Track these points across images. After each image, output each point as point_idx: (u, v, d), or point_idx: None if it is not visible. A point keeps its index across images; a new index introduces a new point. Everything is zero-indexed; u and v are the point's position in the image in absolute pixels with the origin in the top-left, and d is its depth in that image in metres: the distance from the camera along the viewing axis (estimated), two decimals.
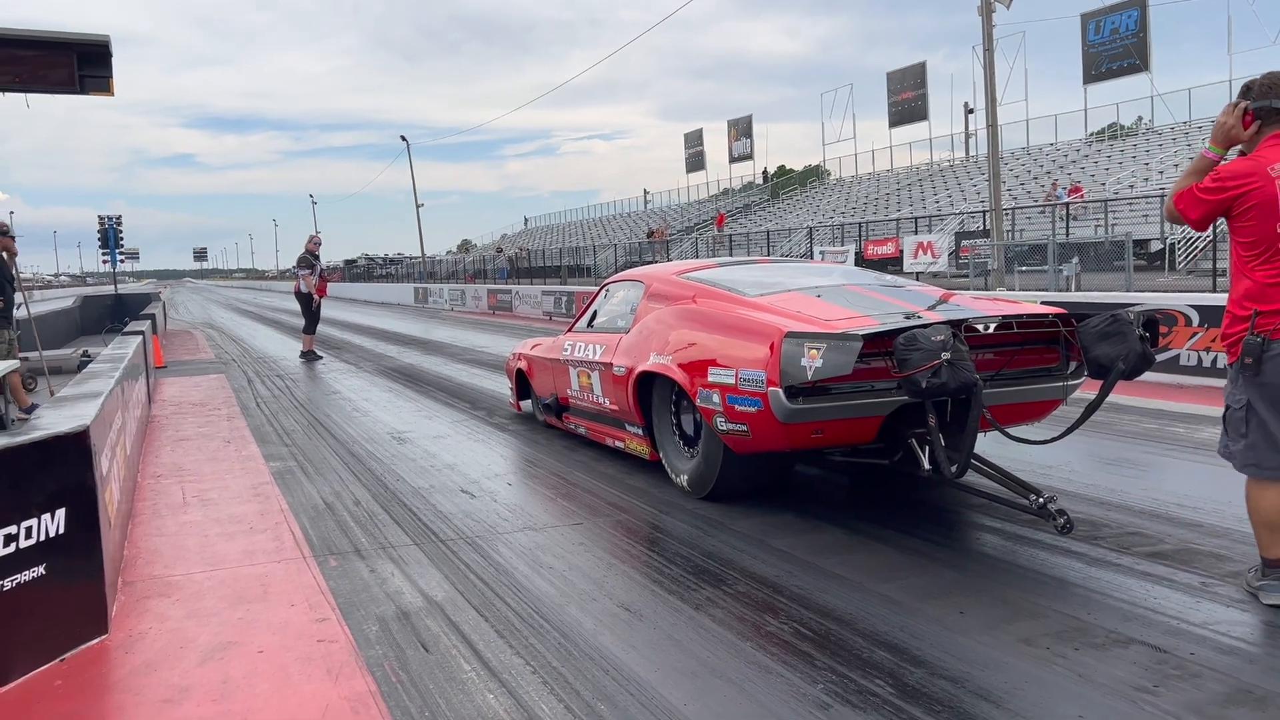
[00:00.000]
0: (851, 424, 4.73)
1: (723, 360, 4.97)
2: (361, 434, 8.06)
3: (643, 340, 5.94)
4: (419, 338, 19.91)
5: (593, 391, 6.71)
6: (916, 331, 4.26)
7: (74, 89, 6.54)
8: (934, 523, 4.92)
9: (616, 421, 6.52)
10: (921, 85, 47.06)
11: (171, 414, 9.52)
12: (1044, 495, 4.33)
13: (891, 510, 5.21)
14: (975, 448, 4.56)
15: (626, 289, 6.85)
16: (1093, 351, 4.51)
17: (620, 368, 6.14)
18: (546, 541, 4.77)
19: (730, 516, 5.08)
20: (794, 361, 4.45)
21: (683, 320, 5.67)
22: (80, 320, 22.76)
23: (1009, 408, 4.97)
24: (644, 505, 5.38)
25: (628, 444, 6.41)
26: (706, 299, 5.75)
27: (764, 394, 4.61)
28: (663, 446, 5.91)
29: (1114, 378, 4.42)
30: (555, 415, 7.62)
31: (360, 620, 3.74)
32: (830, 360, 4.33)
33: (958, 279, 23.69)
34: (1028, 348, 5.10)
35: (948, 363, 4.12)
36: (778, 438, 4.76)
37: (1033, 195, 33.08)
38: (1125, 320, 4.41)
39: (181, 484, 6.29)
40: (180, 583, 4.26)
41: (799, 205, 49.03)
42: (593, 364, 6.63)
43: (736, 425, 4.88)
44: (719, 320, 5.34)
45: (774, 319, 4.90)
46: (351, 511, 5.48)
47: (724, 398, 4.90)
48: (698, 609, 3.75)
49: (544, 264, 43.62)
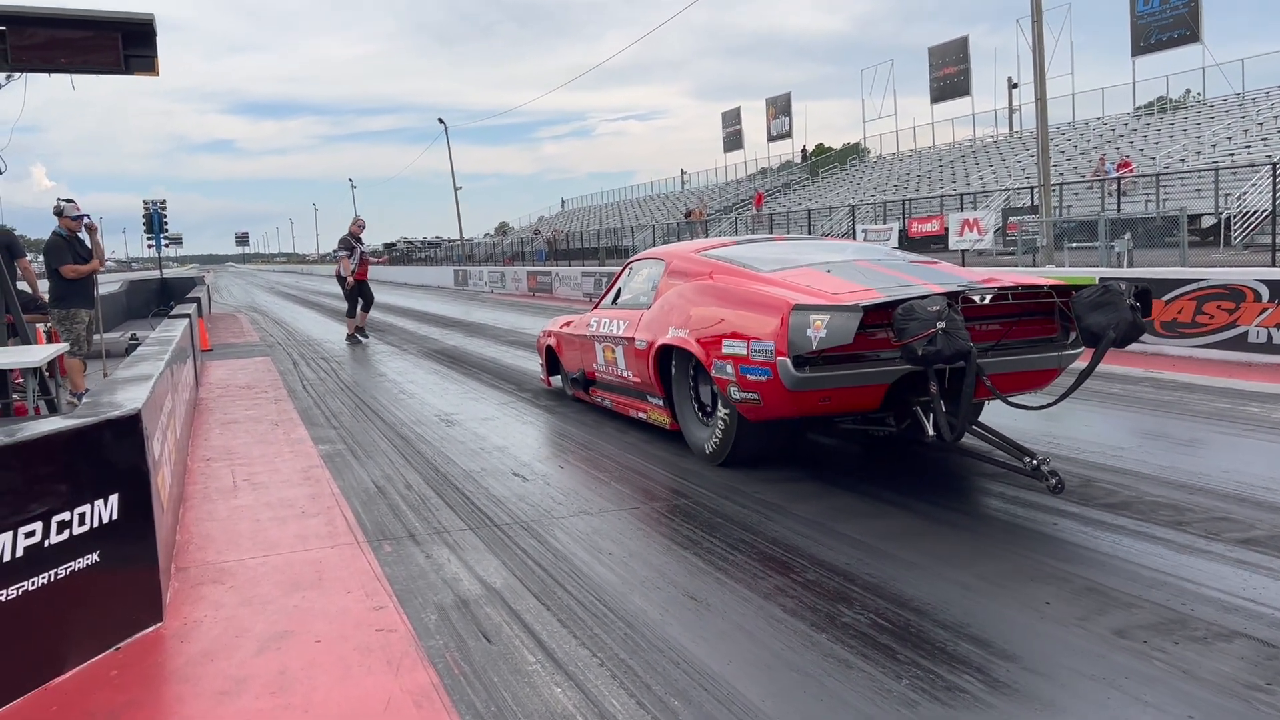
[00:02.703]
0: (857, 392, 4.93)
1: (735, 332, 5.23)
2: (409, 416, 7.97)
3: (663, 315, 6.20)
4: (461, 320, 19.88)
5: (617, 365, 7.00)
6: (914, 302, 4.48)
7: (119, 69, 6.47)
8: (1006, 507, 4.71)
9: (639, 393, 6.79)
10: (964, 60, 46.19)
11: (219, 397, 9.52)
12: (1037, 457, 4.60)
13: (959, 495, 5.01)
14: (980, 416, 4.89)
15: (649, 267, 7.08)
16: (1085, 320, 4.71)
17: (642, 342, 6.41)
18: (603, 526, 4.63)
19: (790, 501, 4.91)
20: (800, 332, 4.70)
21: (700, 295, 5.91)
22: (127, 304, 22.98)
23: (1009, 376, 5.10)
24: (702, 489, 5.22)
25: (650, 415, 6.70)
26: (723, 275, 5.98)
27: (773, 363, 4.86)
28: (682, 416, 6.18)
29: (1104, 345, 4.63)
30: (583, 389, 7.89)
31: (418, 608, 3.62)
32: (833, 330, 4.57)
33: (1004, 256, 23.23)
34: (1028, 319, 5.27)
35: (943, 331, 4.34)
36: (787, 405, 5.01)
37: (1079, 171, 32.35)
38: (1116, 290, 4.63)
39: (231, 467, 6.24)
40: (234, 569, 4.18)
41: (839, 183, 48.40)
42: (617, 339, 6.91)
43: (748, 394, 5.13)
44: (733, 295, 5.57)
45: (784, 292, 5.13)
46: (403, 495, 5.39)
47: (737, 368, 5.16)
48: (767, 598, 3.59)
49: (581, 245, 43.50)
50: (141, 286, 25.63)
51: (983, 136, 45.64)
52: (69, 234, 8.71)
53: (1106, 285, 4.71)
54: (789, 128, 57.00)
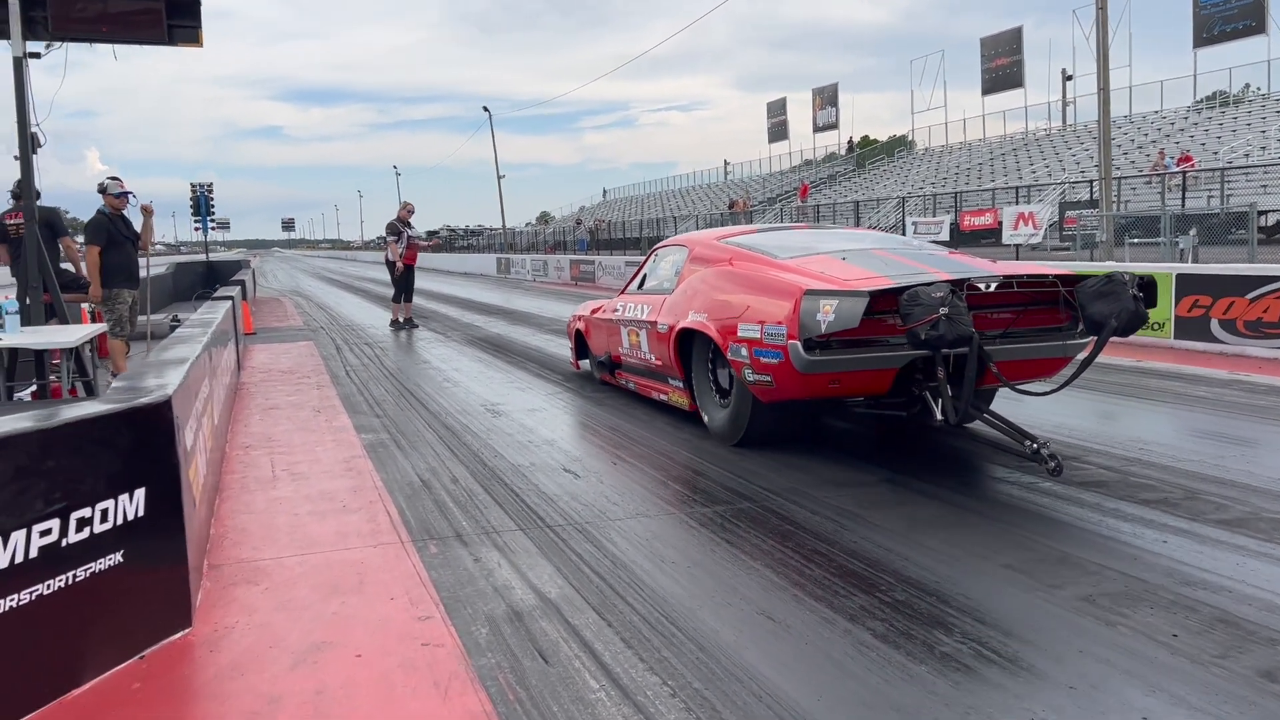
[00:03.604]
0: (866, 375, 5.10)
1: (750, 316, 5.40)
2: (454, 405, 7.69)
3: (684, 300, 6.39)
4: (504, 307, 19.63)
5: (640, 348, 7.20)
6: (919, 289, 4.64)
7: (163, 40, 6.24)
8: (1100, 535, 4.31)
9: (661, 376, 6.99)
10: (1017, 51, 45.16)
11: (260, 381, 9.31)
12: (1038, 441, 4.69)
13: (1058, 520, 4.61)
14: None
15: (673, 253, 7.27)
16: (1089, 309, 4.85)
17: (664, 325, 6.61)
18: (663, 530, 4.30)
19: (865, 508, 4.54)
20: (811, 316, 4.86)
21: (719, 281, 6.09)
22: (173, 286, 23.04)
23: (1017, 363, 5.22)
24: (769, 492, 4.86)
25: (670, 396, 6.89)
26: (741, 261, 6.16)
27: (784, 346, 5.02)
28: (700, 398, 6.39)
29: (1106, 334, 4.77)
30: (609, 372, 8.12)
31: (467, 619, 3.31)
32: (841, 314, 4.73)
33: (1059, 251, 22.55)
34: (1037, 308, 5.35)
35: (945, 317, 4.49)
36: (798, 387, 5.18)
37: (1137, 165, 31.42)
38: (1120, 281, 4.77)
39: (271, 455, 5.99)
40: (269, 568, 3.89)
41: (886, 175, 47.60)
42: (641, 323, 7.12)
43: (762, 376, 5.31)
44: (749, 280, 5.76)
45: (797, 278, 5.29)
46: (449, 490, 5.09)
47: (751, 351, 5.32)
48: (853, 620, 3.23)
49: (624, 235, 43.14)
50: (187, 269, 25.72)
51: (1035, 129, 44.61)
52: (112, 213, 8.52)
53: (1110, 276, 4.84)
54: (835, 119, 56.16)
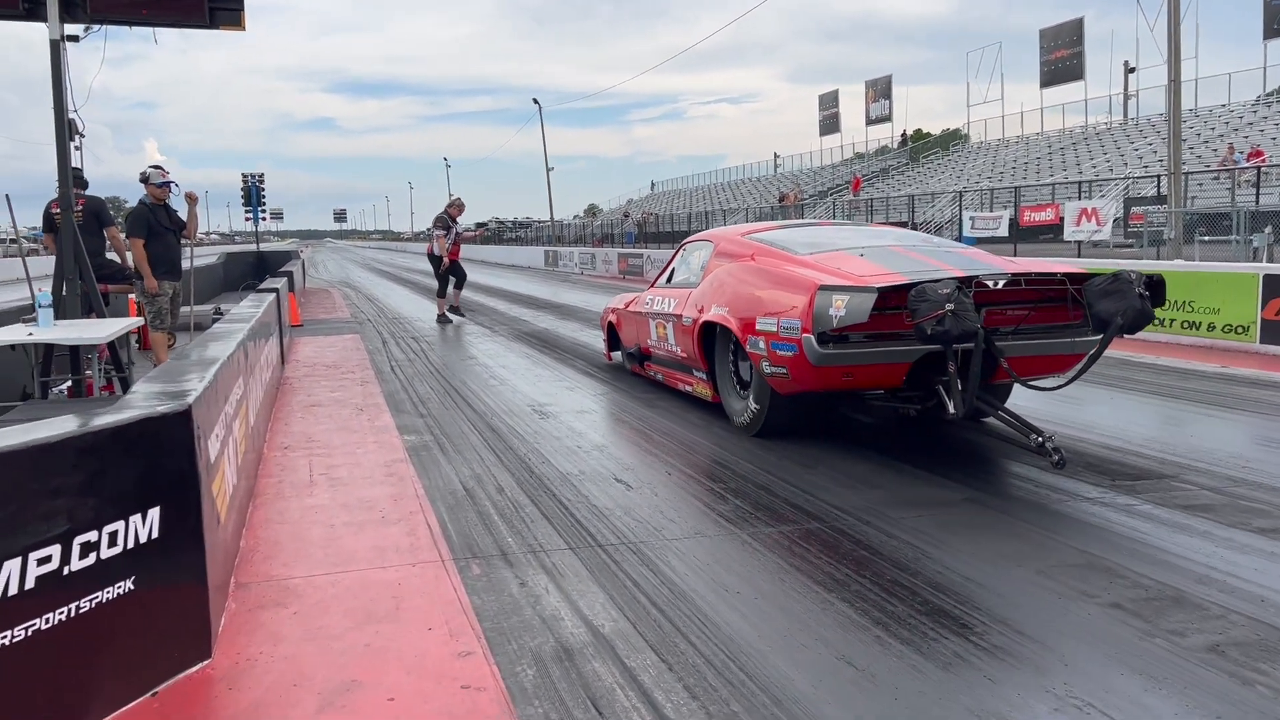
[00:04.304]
0: (878, 369, 5.29)
1: (768, 310, 5.56)
2: (501, 405, 7.39)
3: (708, 294, 6.55)
4: (552, 301, 19.36)
5: (667, 340, 7.42)
6: (926, 285, 4.74)
7: (204, 22, 5.99)
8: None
9: (685, 367, 7.17)
10: (1078, 43, 43.99)
11: (304, 376, 9.10)
12: (1043, 435, 4.80)
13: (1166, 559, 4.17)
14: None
15: (700, 249, 7.46)
16: (1095, 307, 4.97)
17: (689, 318, 6.80)
18: (724, 553, 3.93)
19: (948, 532, 4.14)
20: (824, 310, 5.00)
21: (741, 275, 6.26)
22: (224, 276, 23.12)
23: (1029, 359, 5.34)
24: (837, 511, 4.48)
25: (695, 388, 7.08)
26: (763, 256, 6.31)
27: (799, 339, 5.17)
28: (722, 389, 6.57)
29: (1112, 331, 4.88)
30: (638, 363, 8.35)
31: (512, 657, 2.98)
32: (851, 309, 4.86)
33: (1122, 249, 21.76)
34: (1050, 305, 5.44)
35: (951, 313, 4.57)
36: (812, 379, 5.34)
37: (1203, 159, 30.34)
38: (1126, 279, 4.87)
39: (310, 457, 5.72)
40: (300, 589, 3.60)
41: (940, 169, 46.62)
42: (668, 316, 7.33)
43: (778, 368, 5.47)
44: (769, 275, 5.91)
45: (813, 274, 5.43)
46: (494, 500, 4.78)
47: (768, 343, 5.50)
48: (948, 669, 2.84)
49: (672, 229, 42.69)
50: (238, 259, 25.81)
51: (1096, 123, 43.38)
52: (154, 202, 8.34)
53: (1117, 274, 4.94)
54: (889, 111, 55.17)
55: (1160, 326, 10.51)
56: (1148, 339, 10.50)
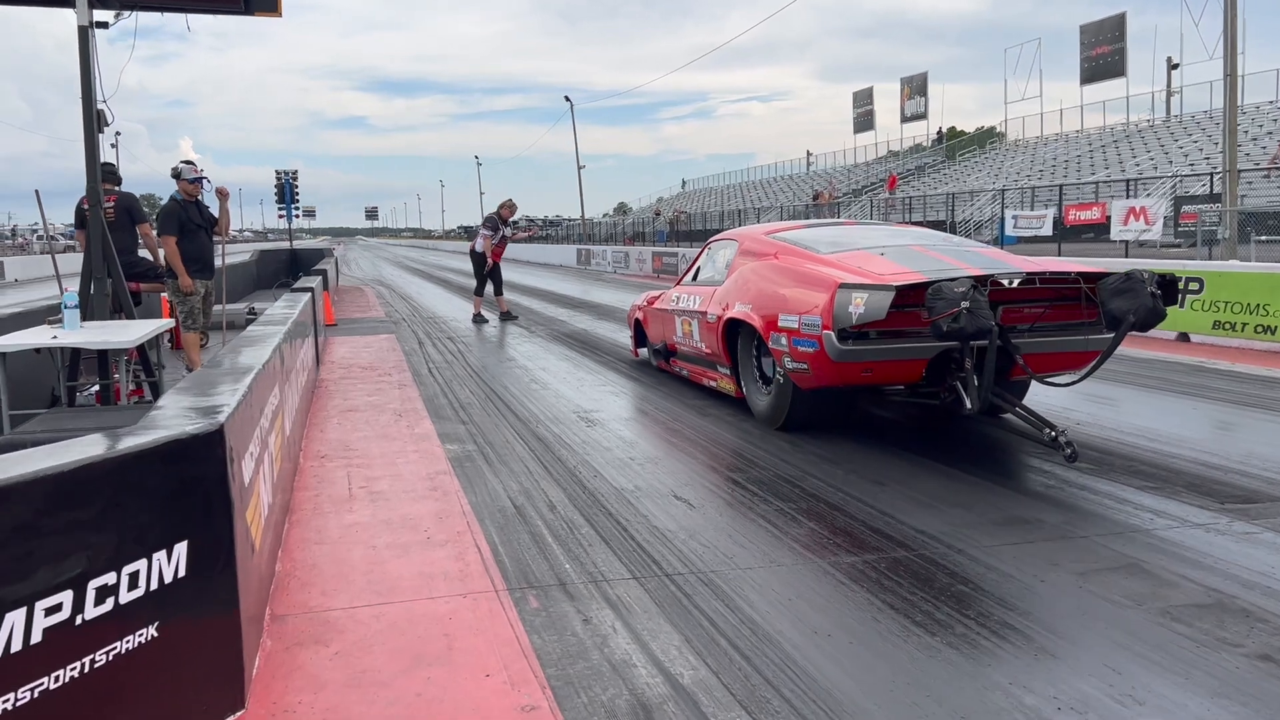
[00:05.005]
0: (896, 365, 5.42)
1: (790, 308, 5.67)
2: (545, 412, 7.04)
3: (732, 291, 6.67)
4: (588, 301, 19.02)
5: (693, 337, 7.51)
6: (942, 284, 4.83)
7: (238, 8, 5.68)
8: None
9: (710, 363, 7.30)
10: (1120, 39, 43.11)
11: (340, 378, 8.81)
12: (1056, 429, 4.90)
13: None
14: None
15: (725, 247, 7.54)
16: (1108, 305, 5.05)
17: (713, 315, 6.90)
18: (805, 586, 3.55)
19: (1051, 562, 3.73)
20: (844, 308, 5.12)
21: (764, 273, 6.38)
22: (257, 274, 22.97)
23: (1044, 356, 5.48)
24: (923, 536, 4.08)
25: (719, 384, 7.21)
26: (786, 255, 6.43)
27: (819, 336, 5.29)
28: (746, 384, 6.67)
29: (1124, 329, 4.97)
30: (664, 359, 8.45)
31: (583, 713, 2.62)
32: (870, 306, 4.97)
33: (1170, 249, 21.12)
34: (1066, 303, 5.51)
35: (966, 310, 4.66)
36: (832, 375, 5.46)
37: (1251, 157, 29.49)
38: (1138, 279, 4.98)
39: (348, 468, 5.41)
40: (341, 623, 3.26)
41: (977, 167, 45.85)
42: (693, 313, 7.43)
43: (799, 364, 5.60)
44: (791, 273, 6.05)
45: (834, 272, 5.54)
46: (546, 519, 4.43)
47: (790, 340, 5.61)
48: None
49: (704, 227, 42.23)
50: (271, 257, 25.68)
51: (1138, 120, 42.46)
52: (185, 199, 8.07)
53: (1129, 274, 5.03)
54: (924, 109, 54.37)
55: (1232, 331, 9.99)
56: (1220, 344, 9.99)
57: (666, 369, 8.53)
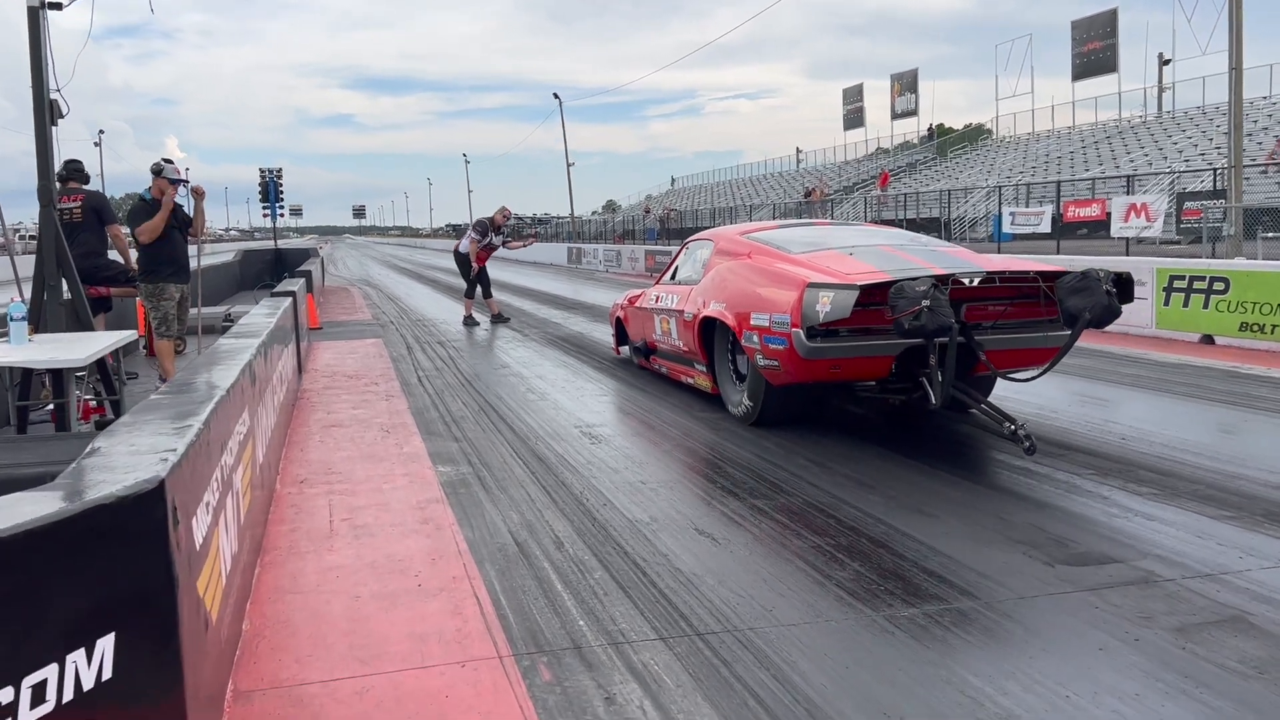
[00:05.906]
0: (863, 362, 5.54)
1: (762, 306, 5.81)
2: (544, 426, 6.52)
3: (707, 290, 6.80)
4: (582, 302, 18.46)
5: (671, 335, 7.63)
6: (904, 283, 4.97)
7: None
8: None
9: (687, 361, 7.41)
10: (1111, 35, 42.82)
11: (324, 388, 8.27)
12: (1015, 422, 4.99)
13: None
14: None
15: (701, 247, 7.69)
16: (1065, 303, 5.18)
17: (690, 314, 7.02)
18: (862, 650, 3.04)
19: (1148, 615, 3.24)
20: (811, 306, 5.24)
21: (738, 272, 6.51)
22: (240, 275, 22.34)
23: (1006, 353, 5.62)
24: (985, 580, 3.57)
25: (696, 380, 7.32)
26: (759, 255, 6.56)
27: (789, 334, 5.42)
28: (721, 381, 6.82)
29: (1080, 326, 5.10)
30: (644, 357, 8.56)
31: None
32: (835, 305, 5.10)
33: (1170, 245, 20.75)
34: (1028, 301, 5.64)
35: (927, 308, 4.78)
36: (802, 371, 5.60)
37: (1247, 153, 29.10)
38: (1094, 277, 5.10)
39: (330, 496, 4.88)
40: (318, 702, 2.74)
41: (969, 164, 45.44)
42: (671, 311, 7.57)
43: (770, 361, 5.74)
44: (763, 273, 6.18)
45: (803, 271, 5.69)
46: (553, 560, 3.91)
47: (761, 338, 5.75)
48: None
49: (695, 224, 41.70)
50: (255, 257, 25.04)
51: (1130, 116, 42.13)
52: (154, 198, 7.51)
53: (1085, 272, 5.16)
54: (915, 105, 53.97)
55: (1261, 333, 9.54)
56: (1248, 346, 9.53)
57: (646, 366, 8.63)
